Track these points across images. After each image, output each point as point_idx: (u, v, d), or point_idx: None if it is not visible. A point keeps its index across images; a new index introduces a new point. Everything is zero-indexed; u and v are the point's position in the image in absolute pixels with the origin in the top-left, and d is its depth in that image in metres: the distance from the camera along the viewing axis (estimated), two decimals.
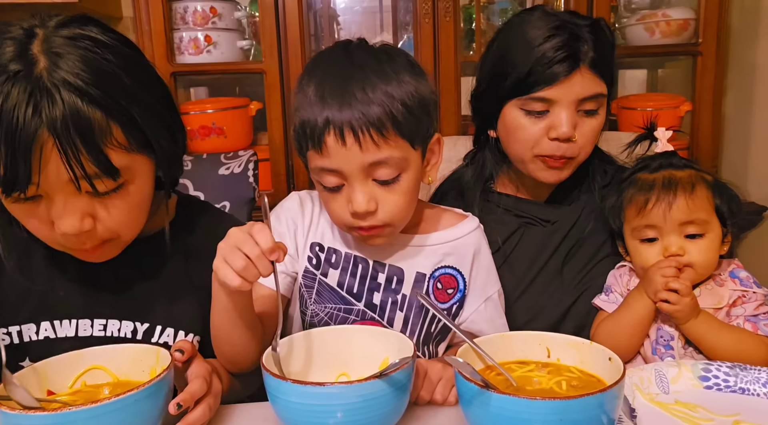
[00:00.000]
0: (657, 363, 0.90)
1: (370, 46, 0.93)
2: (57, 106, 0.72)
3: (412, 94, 0.87)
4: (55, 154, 0.73)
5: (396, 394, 0.73)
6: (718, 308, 1.01)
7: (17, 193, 0.75)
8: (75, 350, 0.81)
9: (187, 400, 0.75)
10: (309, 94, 0.87)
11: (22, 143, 0.71)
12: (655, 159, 1.08)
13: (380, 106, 0.84)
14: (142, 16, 1.87)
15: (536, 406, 0.65)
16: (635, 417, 0.79)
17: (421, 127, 0.90)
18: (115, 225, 0.82)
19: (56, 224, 0.79)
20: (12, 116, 0.71)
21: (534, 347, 0.82)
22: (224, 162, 1.35)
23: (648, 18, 1.99)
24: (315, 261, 1.00)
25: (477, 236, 1.04)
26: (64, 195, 0.77)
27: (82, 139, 0.73)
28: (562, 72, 1.06)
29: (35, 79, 0.73)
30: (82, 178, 0.75)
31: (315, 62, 0.94)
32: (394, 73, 0.87)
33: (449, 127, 1.95)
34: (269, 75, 1.92)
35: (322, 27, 2.11)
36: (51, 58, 0.74)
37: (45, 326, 0.89)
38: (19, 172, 0.73)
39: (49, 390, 0.78)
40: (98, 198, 0.79)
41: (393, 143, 0.86)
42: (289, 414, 0.74)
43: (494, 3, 2.10)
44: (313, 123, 0.85)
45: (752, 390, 0.86)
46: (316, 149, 0.86)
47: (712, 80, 1.97)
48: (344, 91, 0.85)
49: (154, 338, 0.92)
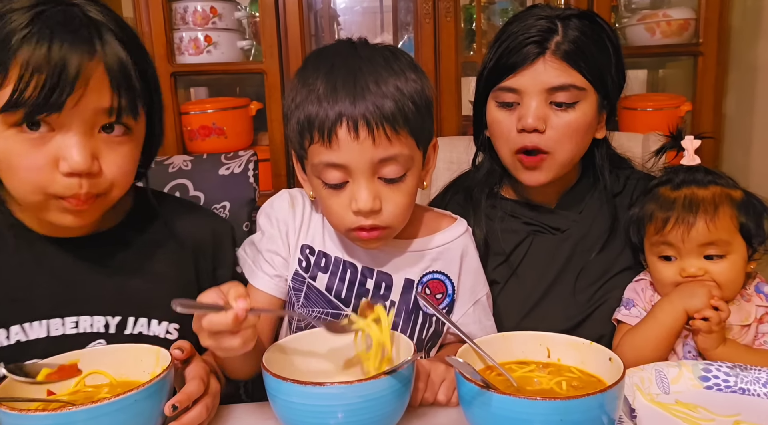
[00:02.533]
0: (657, 363, 0.90)
1: (372, 44, 0.92)
2: (104, 40, 0.80)
3: (419, 93, 0.87)
4: (97, 82, 0.79)
5: (397, 394, 0.73)
6: (745, 325, 0.99)
7: (45, 116, 0.77)
8: (50, 351, 0.81)
9: (183, 401, 0.75)
10: (317, 88, 0.85)
11: (70, 70, 0.76)
12: (679, 173, 1.03)
13: (393, 101, 0.83)
14: (142, 16, 1.87)
15: (537, 406, 0.65)
16: (635, 418, 0.79)
17: (425, 127, 0.90)
18: (116, 173, 0.84)
19: (66, 159, 0.79)
20: (61, 47, 0.76)
21: (534, 347, 0.82)
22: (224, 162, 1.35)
23: (648, 18, 1.99)
24: (305, 264, 0.98)
25: (465, 240, 1.03)
26: (82, 129, 0.80)
27: (123, 72, 0.81)
28: (527, 57, 1.04)
29: (83, 15, 0.80)
30: (124, 108, 0.82)
31: (319, 56, 0.91)
32: (401, 70, 0.87)
33: (449, 127, 1.95)
34: (269, 75, 1.92)
35: (322, 27, 2.11)
36: (89, 7, 0.82)
37: (16, 330, 0.88)
38: (56, 95, 0.76)
39: (49, 390, 0.78)
40: (107, 138, 0.83)
41: (404, 139, 0.85)
42: (290, 414, 0.74)
43: (495, 3, 2.10)
44: (323, 116, 0.83)
45: (752, 390, 0.86)
46: (325, 143, 0.84)
47: (713, 80, 1.97)
48: (356, 83, 0.84)
49: (128, 330, 0.92)
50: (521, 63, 1.05)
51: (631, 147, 1.36)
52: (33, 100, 0.76)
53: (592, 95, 1.07)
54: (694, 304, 0.95)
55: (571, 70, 1.04)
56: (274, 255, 0.98)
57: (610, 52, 1.09)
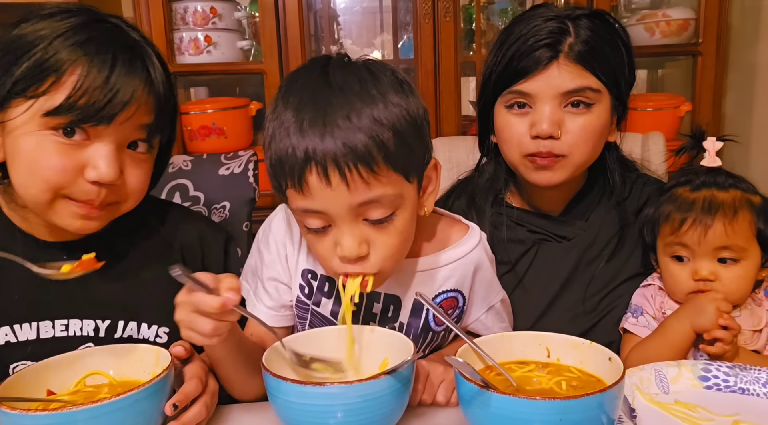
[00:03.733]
0: (657, 363, 0.90)
1: (350, 64, 0.82)
2: (154, 64, 0.87)
3: (403, 118, 0.76)
4: (144, 103, 0.84)
5: (396, 394, 0.73)
6: (757, 330, 0.98)
7: (88, 124, 0.80)
8: (40, 353, 0.81)
9: (182, 401, 0.76)
10: (285, 123, 0.76)
11: (127, 91, 0.82)
12: (699, 174, 1.01)
13: (368, 136, 0.73)
14: (143, 16, 1.88)
15: (536, 406, 0.65)
16: (635, 417, 0.79)
17: (415, 155, 0.80)
18: (134, 187, 0.88)
19: (97, 168, 0.82)
20: (123, 66, 0.82)
21: (534, 347, 0.82)
22: (224, 162, 1.35)
23: (648, 18, 1.99)
24: (307, 290, 0.93)
25: (478, 252, 0.95)
26: (115, 143, 0.84)
27: (164, 96, 0.88)
28: (539, 62, 1.00)
29: (132, 39, 0.87)
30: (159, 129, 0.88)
31: (289, 85, 0.81)
32: (381, 94, 0.76)
33: (449, 127, 1.96)
34: (269, 75, 1.92)
35: (322, 27, 2.11)
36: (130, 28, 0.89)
37: (5, 331, 0.88)
38: (107, 108, 0.80)
39: (49, 390, 0.78)
40: (133, 154, 0.87)
41: (385, 179, 0.75)
42: (289, 414, 0.74)
43: (494, 3, 2.10)
44: (292, 158, 0.74)
45: (752, 390, 0.86)
46: (297, 189, 0.76)
47: (712, 80, 1.97)
48: (324, 119, 0.73)
49: (118, 333, 0.93)
50: (534, 67, 1.01)
51: (632, 147, 1.36)
52: (82, 111, 0.79)
53: (606, 97, 1.04)
54: (702, 323, 0.94)
55: (586, 73, 1.01)
56: (275, 283, 0.94)
57: (622, 51, 1.06)
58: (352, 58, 0.84)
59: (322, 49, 2.10)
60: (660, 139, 1.39)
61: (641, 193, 1.17)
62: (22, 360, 0.88)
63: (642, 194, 1.17)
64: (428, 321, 0.93)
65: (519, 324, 1.10)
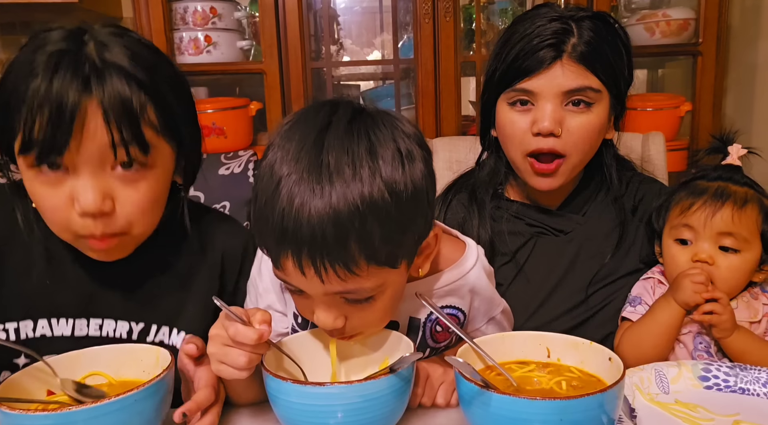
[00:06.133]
0: (657, 363, 0.90)
1: (351, 130, 0.70)
2: (103, 78, 0.77)
3: (396, 203, 0.68)
4: (96, 120, 0.76)
5: (396, 394, 0.73)
6: (755, 321, 1.00)
7: (52, 158, 0.77)
8: (71, 349, 0.82)
9: (193, 410, 0.75)
10: (269, 190, 0.69)
11: (67, 108, 0.75)
12: (717, 169, 1.05)
13: (349, 232, 0.66)
14: (142, 16, 1.87)
15: (536, 406, 0.65)
16: (635, 417, 0.79)
17: (406, 241, 0.73)
18: (132, 211, 0.82)
19: (78, 200, 0.79)
20: (60, 84, 0.75)
21: (534, 347, 0.82)
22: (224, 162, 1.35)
23: (648, 18, 1.99)
24: (300, 319, 0.89)
25: (476, 272, 0.90)
26: (91, 168, 0.79)
27: (124, 108, 0.78)
28: (543, 61, 1.03)
29: (84, 55, 0.78)
30: (119, 143, 0.78)
31: (284, 142, 0.72)
32: (372, 176, 0.67)
33: (449, 127, 1.96)
34: (269, 75, 1.92)
35: (322, 27, 2.11)
36: (98, 43, 0.80)
37: (42, 324, 0.89)
38: (59, 135, 0.75)
39: (49, 390, 0.78)
40: (122, 176, 0.81)
41: (365, 274, 0.69)
42: (289, 415, 0.74)
43: (494, 3, 2.10)
44: (270, 235, 0.69)
45: (752, 390, 0.86)
46: (274, 264, 0.72)
47: (712, 80, 1.97)
48: (306, 206, 0.66)
49: (150, 337, 0.93)
50: (538, 67, 1.03)
51: (632, 147, 1.36)
52: (40, 141, 0.76)
53: (605, 96, 1.07)
54: (681, 297, 0.97)
55: (587, 73, 1.04)
56: (270, 311, 0.89)
57: (622, 52, 1.08)
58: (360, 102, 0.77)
59: (321, 49, 2.11)
60: (660, 139, 1.40)
61: (637, 191, 1.19)
62: (52, 354, 0.86)
63: (638, 192, 1.19)
64: (425, 338, 0.91)
65: (519, 313, 1.11)
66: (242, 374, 0.74)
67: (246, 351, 0.73)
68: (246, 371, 0.74)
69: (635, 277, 1.12)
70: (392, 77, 2.15)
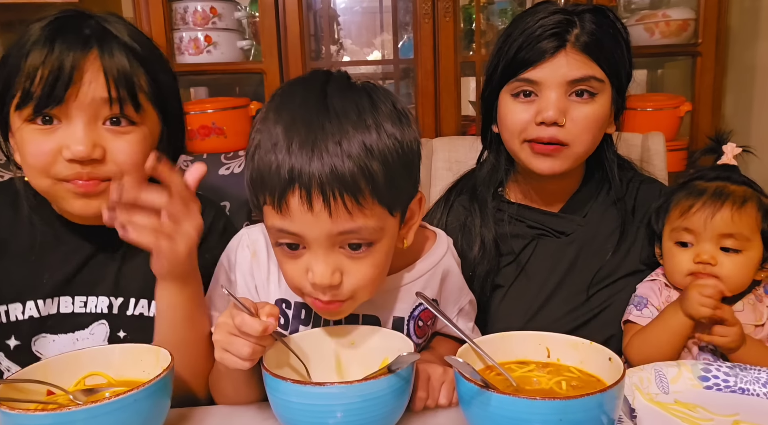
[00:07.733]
0: (657, 363, 0.90)
1: (351, 87, 0.78)
2: (104, 39, 0.87)
3: (396, 151, 0.74)
4: (95, 73, 0.85)
5: (396, 394, 0.73)
6: (759, 325, 0.99)
7: (51, 106, 0.84)
8: (59, 327, 0.89)
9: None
10: (273, 137, 0.73)
11: (68, 61, 0.84)
12: (715, 169, 1.05)
13: (357, 166, 0.71)
14: (142, 16, 1.87)
15: (536, 406, 0.65)
16: (635, 417, 0.79)
17: (403, 190, 0.79)
18: (122, 159, 0.88)
19: (69, 147, 0.85)
20: (62, 43, 0.84)
21: (534, 347, 0.82)
22: (224, 162, 1.35)
23: (648, 18, 1.99)
24: (282, 320, 0.90)
25: (447, 260, 0.94)
26: (85, 119, 0.86)
27: (121, 67, 0.87)
28: (547, 51, 1.04)
29: (85, 22, 0.88)
30: (116, 99, 0.86)
31: (284, 98, 0.78)
32: (376, 124, 0.74)
33: (449, 127, 1.96)
34: (269, 75, 1.92)
35: (322, 27, 2.11)
36: (98, 17, 0.90)
37: (30, 306, 0.94)
38: (58, 85, 0.83)
39: (49, 390, 0.78)
40: (112, 130, 0.88)
41: (369, 211, 0.73)
42: (289, 414, 0.74)
43: (494, 3, 2.10)
44: (276, 175, 0.72)
45: (752, 390, 0.86)
46: (276, 208, 0.73)
47: (712, 80, 1.97)
48: (315, 143, 0.71)
49: (129, 310, 0.98)
50: (541, 56, 1.04)
51: (632, 147, 1.36)
52: (38, 95, 0.84)
53: (608, 88, 1.08)
54: (687, 308, 0.96)
55: (591, 62, 1.04)
56: None
57: (623, 46, 1.10)
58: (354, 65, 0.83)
59: (321, 49, 2.11)
60: (660, 139, 1.40)
61: (638, 191, 1.19)
62: (42, 333, 0.95)
63: (638, 192, 1.19)
64: (409, 336, 0.91)
65: (519, 315, 1.12)
66: (245, 364, 0.75)
67: (251, 341, 0.74)
68: (249, 362, 0.75)
69: (636, 278, 1.12)
70: (392, 77, 2.15)
